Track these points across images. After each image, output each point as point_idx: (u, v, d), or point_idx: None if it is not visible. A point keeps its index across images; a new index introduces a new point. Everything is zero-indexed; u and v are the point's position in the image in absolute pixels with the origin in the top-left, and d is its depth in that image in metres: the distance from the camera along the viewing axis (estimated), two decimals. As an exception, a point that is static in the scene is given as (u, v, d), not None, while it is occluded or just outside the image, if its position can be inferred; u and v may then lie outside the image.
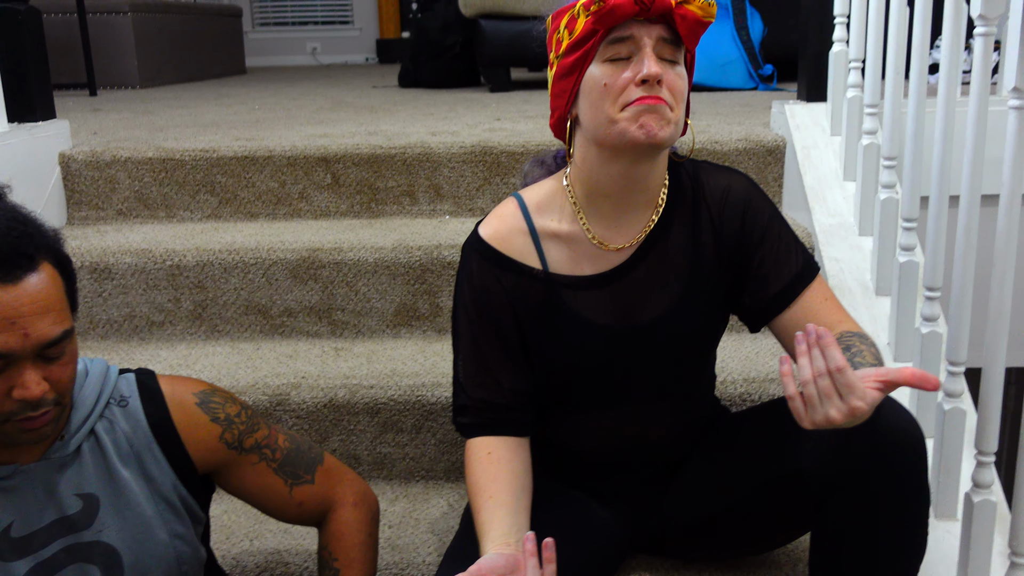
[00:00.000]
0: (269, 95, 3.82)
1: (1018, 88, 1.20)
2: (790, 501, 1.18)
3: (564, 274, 1.23)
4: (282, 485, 1.21)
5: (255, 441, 1.19)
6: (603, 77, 1.10)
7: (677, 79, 1.11)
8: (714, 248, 1.23)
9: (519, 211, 1.24)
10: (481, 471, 1.20)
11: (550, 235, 1.23)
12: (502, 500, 1.16)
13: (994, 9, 1.27)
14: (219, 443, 1.16)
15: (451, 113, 2.86)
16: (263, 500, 1.22)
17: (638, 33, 1.08)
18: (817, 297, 1.21)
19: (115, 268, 1.89)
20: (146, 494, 1.11)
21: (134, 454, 1.11)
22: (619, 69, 1.10)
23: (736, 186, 1.23)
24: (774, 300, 1.21)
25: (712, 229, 1.23)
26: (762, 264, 1.21)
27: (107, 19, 4.35)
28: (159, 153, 2.11)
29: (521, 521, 1.16)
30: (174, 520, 1.13)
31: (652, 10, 1.06)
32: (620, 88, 1.09)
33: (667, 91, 1.09)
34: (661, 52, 1.10)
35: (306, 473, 1.23)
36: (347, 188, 2.11)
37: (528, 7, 3.52)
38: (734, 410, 1.55)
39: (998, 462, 1.34)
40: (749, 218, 1.22)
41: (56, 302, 0.99)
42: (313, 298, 1.88)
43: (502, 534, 1.13)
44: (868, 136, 1.79)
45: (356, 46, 7.35)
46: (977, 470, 1.31)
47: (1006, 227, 1.24)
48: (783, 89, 3.45)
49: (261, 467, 1.20)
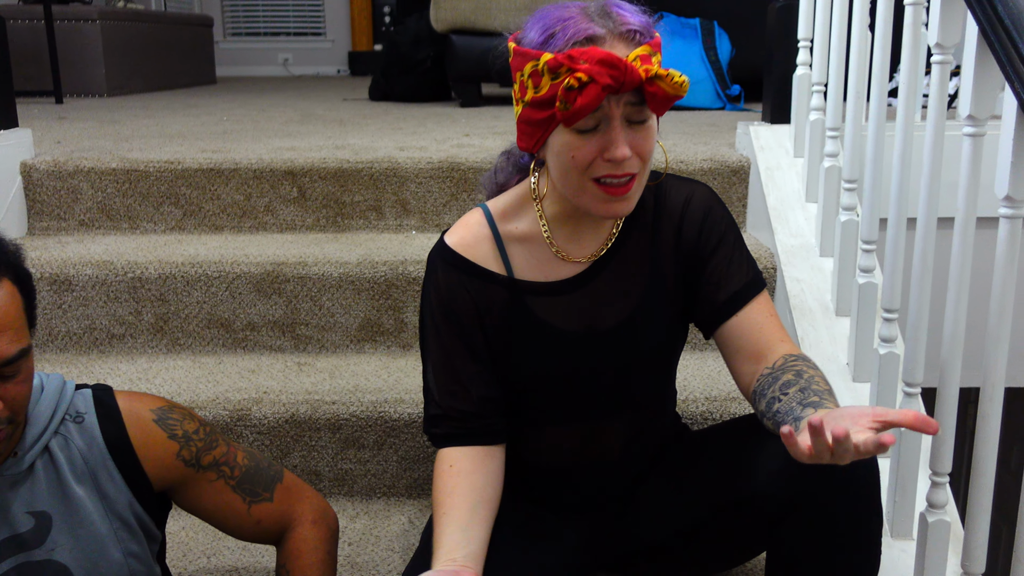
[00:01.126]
0: (238, 106, 3.80)
1: (972, 115, 1.23)
2: (748, 521, 1.19)
3: (528, 280, 1.24)
4: (240, 503, 1.20)
5: (213, 458, 1.18)
6: (570, 148, 1.09)
7: (646, 140, 1.10)
8: (673, 254, 1.25)
9: (484, 219, 1.25)
10: (440, 485, 1.20)
11: (515, 240, 1.24)
12: (454, 515, 1.16)
13: (950, 38, 1.30)
14: (176, 460, 1.14)
15: (420, 128, 2.86)
16: (221, 518, 1.21)
17: (606, 104, 1.06)
18: (763, 312, 1.22)
19: (76, 280, 1.86)
20: (100, 512, 1.10)
21: (89, 471, 1.10)
22: (587, 140, 1.08)
23: (697, 195, 1.26)
24: (722, 307, 1.22)
25: (672, 236, 1.25)
26: (714, 271, 1.23)
27: (75, 26, 4.31)
28: (123, 164, 2.09)
29: (473, 534, 1.15)
30: (128, 538, 1.11)
31: (622, 90, 1.05)
32: (587, 162, 1.09)
33: (635, 158, 1.09)
34: (630, 115, 1.08)
35: (265, 491, 1.22)
36: (313, 202, 2.10)
37: (499, 23, 3.54)
38: (695, 428, 1.56)
39: (954, 482, 1.36)
40: (707, 227, 1.24)
41: (14, 320, 0.97)
42: (277, 312, 1.87)
43: (449, 549, 1.12)
44: (830, 159, 1.81)
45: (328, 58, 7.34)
46: (932, 490, 1.33)
47: (961, 250, 1.26)
48: (750, 109, 3.50)
49: (219, 484, 1.18)
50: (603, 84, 1.02)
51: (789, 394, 1.08)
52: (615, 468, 1.31)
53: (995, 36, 1.15)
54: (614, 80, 1.03)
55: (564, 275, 1.24)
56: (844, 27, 1.75)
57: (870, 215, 1.57)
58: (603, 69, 1.02)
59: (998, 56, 1.15)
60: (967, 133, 1.24)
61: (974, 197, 1.25)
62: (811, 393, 1.06)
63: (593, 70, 1.02)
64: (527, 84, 1.10)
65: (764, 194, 1.99)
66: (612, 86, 1.03)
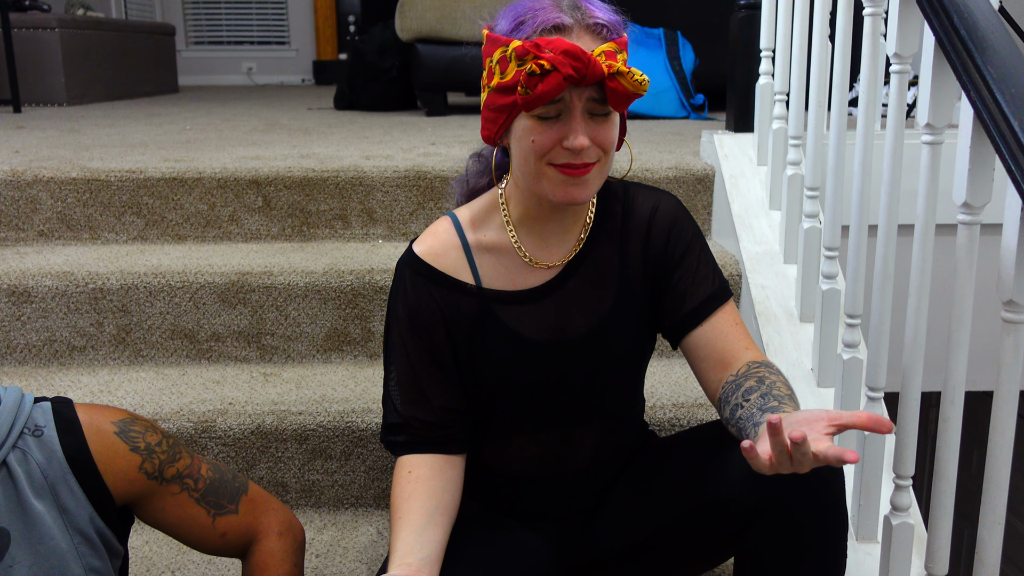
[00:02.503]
0: (201, 115, 3.76)
1: (930, 124, 1.25)
2: (715, 526, 1.19)
3: (497, 289, 1.24)
4: (204, 515, 1.18)
5: (176, 471, 1.16)
6: (531, 133, 1.11)
7: (607, 132, 1.12)
8: (641, 263, 1.26)
9: (452, 227, 1.25)
10: (398, 491, 1.19)
11: (483, 249, 1.24)
12: (410, 520, 1.15)
13: (908, 48, 1.32)
14: (138, 473, 1.12)
15: (386, 137, 2.85)
16: (185, 531, 1.19)
17: (568, 96, 1.08)
18: (728, 321, 1.24)
19: (35, 291, 1.83)
20: (60, 527, 1.07)
21: (48, 485, 1.07)
22: (547, 127, 1.10)
23: (664, 205, 1.27)
24: (688, 317, 1.24)
25: (639, 245, 1.26)
26: (680, 281, 1.25)
27: (34, 34, 4.25)
28: (84, 173, 2.06)
29: (428, 539, 1.14)
30: (90, 554, 1.09)
31: (583, 83, 1.07)
32: (547, 147, 1.11)
33: (595, 148, 1.11)
34: (592, 108, 1.10)
35: (230, 503, 1.20)
36: (278, 211, 2.09)
37: (465, 32, 3.54)
38: (663, 435, 1.57)
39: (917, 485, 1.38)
40: (674, 236, 1.25)
41: None
42: (242, 323, 1.85)
43: (403, 553, 1.11)
44: (792, 167, 1.84)
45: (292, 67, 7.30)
46: (895, 493, 1.35)
47: (921, 256, 1.28)
48: (714, 118, 3.53)
49: (183, 497, 1.17)
50: (565, 74, 1.05)
51: (751, 400, 1.09)
52: (584, 476, 1.32)
53: (951, 46, 1.17)
54: (576, 72, 1.05)
55: (533, 283, 1.24)
56: (805, 37, 1.78)
57: (832, 222, 1.59)
58: (567, 60, 1.05)
59: (954, 65, 1.17)
60: (925, 141, 1.26)
61: (933, 204, 1.27)
62: (771, 398, 1.07)
63: (557, 59, 1.05)
64: (495, 70, 1.13)
65: (729, 202, 2.01)
66: (574, 77, 1.05)
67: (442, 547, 1.15)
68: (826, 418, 0.94)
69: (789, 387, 1.13)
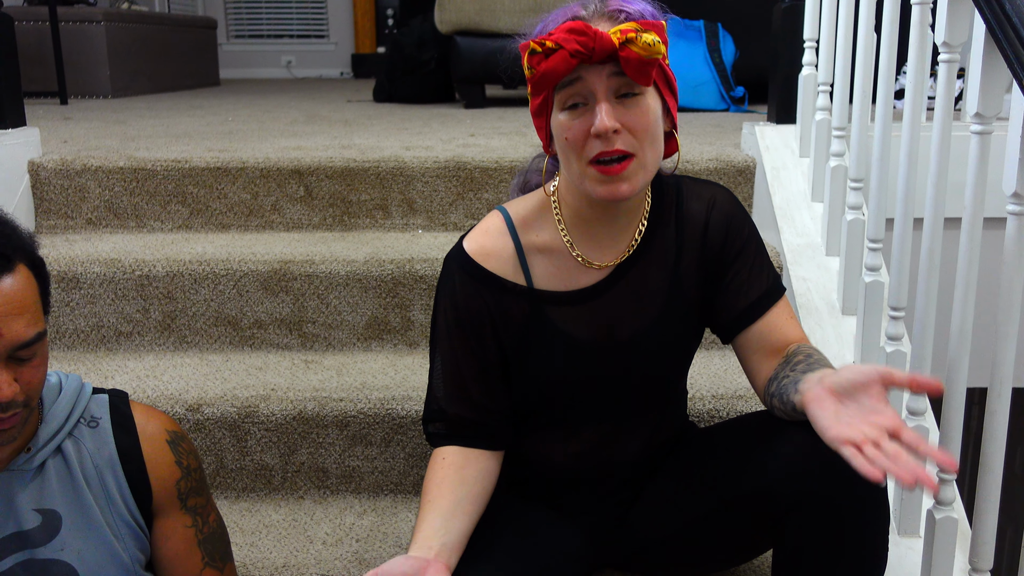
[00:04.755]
0: (243, 107, 3.81)
1: (980, 114, 1.23)
2: (754, 519, 1.19)
3: (548, 290, 1.23)
4: (198, 561, 1.17)
5: (195, 504, 1.17)
6: (564, 129, 1.10)
7: (639, 116, 1.09)
8: (696, 261, 1.25)
9: (505, 226, 1.24)
10: (431, 475, 1.20)
11: (535, 250, 1.23)
12: (439, 504, 1.15)
13: (957, 37, 1.30)
14: (175, 487, 1.14)
15: (425, 128, 2.87)
16: (173, 567, 1.17)
17: (587, 76, 1.07)
18: (782, 316, 1.23)
19: (83, 277, 1.87)
20: (109, 516, 1.10)
21: (98, 476, 1.10)
22: (576, 118, 1.09)
23: (720, 200, 1.26)
24: (743, 314, 1.23)
25: (695, 242, 1.24)
26: (736, 278, 1.23)
27: (80, 28, 4.32)
28: (130, 163, 2.10)
29: (455, 526, 1.14)
30: (134, 546, 1.11)
31: (594, 57, 1.05)
32: (580, 142, 1.10)
33: (628, 135, 1.09)
34: (619, 88, 1.08)
35: (221, 560, 1.20)
36: (320, 201, 2.11)
37: (504, 25, 3.55)
38: (702, 425, 1.57)
39: (961, 480, 1.36)
40: (732, 232, 1.24)
41: (31, 304, 0.98)
42: (284, 310, 1.88)
43: (426, 537, 1.12)
44: (835, 158, 1.82)
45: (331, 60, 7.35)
46: (939, 488, 1.33)
47: (968, 249, 1.27)
48: (754, 111, 3.50)
49: (190, 533, 1.17)
50: (571, 50, 1.04)
51: (797, 368, 1.11)
52: (626, 469, 1.32)
53: (1002, 33, 1.15)
54: (583, 47, 1.04)
55: (584, 283, 1.23)
56: (850, 27, 1.76)
57: (876, 214, 1.57)
58: (570, 36, 1.04)
59: (1005, 53, 1.16)
60: (974, 131, 1.24)
61: (982, 194, 1.25)
62: (817, 364, 1.09)
63: (560, 37, 1.05)
64: (527, 72, 1.13)
65: (770, 194, 2.00)
66: (581, 52, 1.04)
67: (466, 536, 1.16)
68: (879, 379, 0.98)
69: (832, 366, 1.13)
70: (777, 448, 1.15)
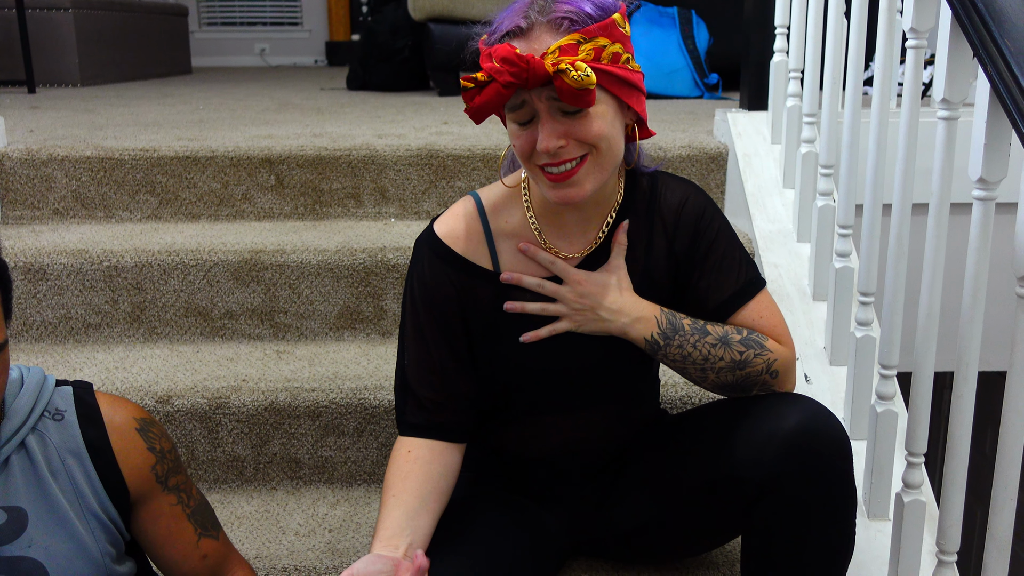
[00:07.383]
0: (214, 95, 3.77)
1: (946, 99, 1.24)
2: (726, 504, 1.19)
3: None
4: (192, 532, 1.18)
5: (176, 483, 1.17)
6: (515, 138, 1.11)
7: (586, 128, 1.07)
8: (665, 257, 1.24)
9: (476, 210, 1.24)
10: (395, 468, 1.19)
11: (504, 236, 1.23)
12: (404, 499, 1.15)
13: (924, 23, 1.31)
14: (150, 472, 1.13)
15: (398, 116, 2.85)
16: (169, 546, 1.17)
17: (529, 98, 1.06)
18: (753, 314, 1.22)
19: (50, 269, 1.84)
20: (77, 511, 1.08)
21: (65, 469, 1.08)
22: (524, 131, 1.10)
23: (692, 199, 1.25)
24: (713, 314, 1.22)
25: (665, 238, 1.24)
26: (703, 277, 1.23)
27: (47, 15, 4.25)
28: (98, 152, 2.07)
29: (420, 523, 1.14)
30: (104, 539, 1.10)
31: (528, 85, 1.04)
32: (528, 151, 1.10)
33: (575, 144, 1.08)
34: (561, 106, 1.06)
35: (213, 528, 1.21)
36: (291, 190, 2.09)
37: (477, 12, 3.52)
38: (674, 412, 1.57)
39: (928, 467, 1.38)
40: (700, 231, 1.23)
41: None
42: (255, 300, 1.86)
43: (391, 535, 1.11)
44: (806, 145, 1.83)
45: (305, 48, 7.28)
46: (907, 471, 1.35)
47: (935, 235, 1.28)
48: (728, 98, 3.51)
49: (177, 510, 1.17)
50: (504, 82, 1.03)
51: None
52: (597, 456, 1.32)
53: (968, 19, 1.16)
54: (516, 77, 1.03)
55: (551, 272, 1.23)
56: (820, 14, 1.76)
57: (846, 200, 1.58)
58: (504, 67, 1.03)
59: (971, 39, 1.16)
60: (941, 117, 1.25)
61: (948, 179, 1.26)
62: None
63: (492, 68, 1.04)
64: (465, 106, 1.12)
65: (742, 180, 2.00)
66: (514, 83, 1.03)
67: (429, 534, 1.16)
68: None
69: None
70: (746, 434, 1.15)
